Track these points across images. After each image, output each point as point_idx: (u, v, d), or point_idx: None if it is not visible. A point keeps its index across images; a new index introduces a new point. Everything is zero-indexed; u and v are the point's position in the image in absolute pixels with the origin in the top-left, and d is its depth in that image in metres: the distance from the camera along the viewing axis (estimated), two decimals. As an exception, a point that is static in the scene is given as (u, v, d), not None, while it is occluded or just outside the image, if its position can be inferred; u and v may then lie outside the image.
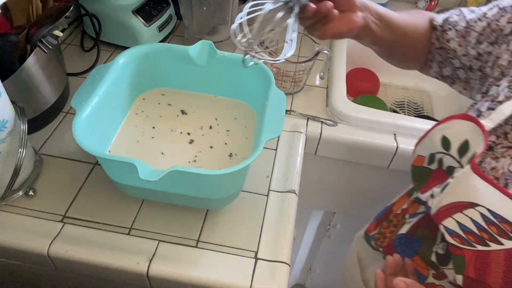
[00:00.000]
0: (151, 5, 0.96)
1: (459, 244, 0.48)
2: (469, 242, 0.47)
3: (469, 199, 0.46)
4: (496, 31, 0.54)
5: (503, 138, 0.49)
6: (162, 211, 0.67)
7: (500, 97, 0.51)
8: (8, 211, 0.65)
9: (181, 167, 0.54)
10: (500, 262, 0.44)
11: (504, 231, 0.43)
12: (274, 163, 0.76)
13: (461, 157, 0.52)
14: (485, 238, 0.45)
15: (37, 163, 0.71)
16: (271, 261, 0.62)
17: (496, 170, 0.48)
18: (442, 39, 0.61)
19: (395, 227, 0.66)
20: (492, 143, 0.50)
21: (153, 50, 0.73)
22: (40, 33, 0.68)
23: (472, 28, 0.57)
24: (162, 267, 0.60)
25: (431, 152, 0.56)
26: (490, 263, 0.45)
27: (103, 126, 0.67)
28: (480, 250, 0.45)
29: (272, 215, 0.68)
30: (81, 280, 0.69)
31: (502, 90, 0.51)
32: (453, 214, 0.48)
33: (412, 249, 0.61)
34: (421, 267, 0.59)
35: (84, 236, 0.63)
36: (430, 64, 0.66)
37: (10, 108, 0.60)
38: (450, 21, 0.61)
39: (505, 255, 0.43)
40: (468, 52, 0.58)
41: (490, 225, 0.44)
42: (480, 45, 0.56)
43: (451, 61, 0.61)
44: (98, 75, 0.66)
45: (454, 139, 0.52)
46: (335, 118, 0.87)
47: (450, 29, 0.60)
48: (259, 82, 0.71)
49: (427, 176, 0.57)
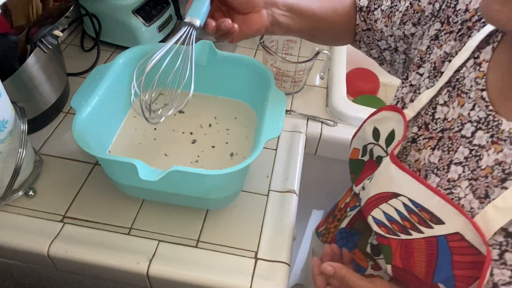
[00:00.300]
0: (151, 5, 0.96)
1: (385, 234, 0.49)
2: (394, 231, 0.47)
3: (392, 190, 0.47)
4: (418, 12, 0.53)
5: (424, 129, 0.49)
6: (162, 211, 0.67)
7: (421, 88, 0.51)
8: (8, 211, 0.65)
9: (181, 167, 0.54)
10: (422, 250, 0.45)
11: (423, 220, 0.44)
12: (274, 163, 0.76)
13: (387, 146, 0.53)
14: (407, 226, 0.46)
15: (37, 163, 0.71)
16: (271, 261, 0.62)
17: (418, 162, 0.49)
18: (369, 20, 0.59)
19: (338, 222, 0.66)
20: (415, 134, 0.50)
21: (153, 50, 0.73)
22: (40, 33, 0.68)
23: (396, 8, 0.55)
24: (162, 267, 0.60)
25: (364, 144, 0.57)
26: (413, 252, 0.46)
27: (103, 126, 0.67)
28: (404, 239, 0.46)
29: (272, 215, 0.68)
30: (81, 280, 0.69)
31: (423, 81, 0.51)
32: (380, 205, 0.49)
33: (352, 242, 0.61)
34: (361, 259, 0.59)
35: (84, 236, 0.63)
36: (359, 45, 0.65)
37: (10, 108, 0.60)
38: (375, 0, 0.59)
39: (425, 243, 0.44)
40: (393, 33, 0.56)
41: (411, 213, 0.45)
42: (405, 26, 0.54)
43: (377, 43, 0.60)
44: (98, 75, 0.66)
45: (383, 130, 0.53)
46: (335, 118, 0.87)
47: (376, 9, 0.58)
48: (259, 82, 0.71)
49: (361, 168, 0.58)
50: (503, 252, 0.40)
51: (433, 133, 0.48)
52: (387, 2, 0.57)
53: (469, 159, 0.44)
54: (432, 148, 0.48)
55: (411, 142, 0.51)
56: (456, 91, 0.47)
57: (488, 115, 0.43)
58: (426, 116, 0.49)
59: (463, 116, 0.45)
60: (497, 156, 0.41)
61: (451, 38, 0.49)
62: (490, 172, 0.42)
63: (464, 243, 0.41)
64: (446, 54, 0.49)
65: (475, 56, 0.46)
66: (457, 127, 0.45)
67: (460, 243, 0.42)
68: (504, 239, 0.40)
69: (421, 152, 0.49)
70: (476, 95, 0.44)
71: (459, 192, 0.43)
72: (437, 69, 0.50)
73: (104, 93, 0.65)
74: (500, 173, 0.41)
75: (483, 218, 0.41)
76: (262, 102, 0.67)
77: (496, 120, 0.42)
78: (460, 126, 0.45)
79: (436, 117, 0.48)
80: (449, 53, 0.49)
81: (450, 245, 0.42)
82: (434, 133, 0.48)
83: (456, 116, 0.46)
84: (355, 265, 0.60)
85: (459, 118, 0.45)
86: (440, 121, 0.48)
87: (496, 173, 0.41)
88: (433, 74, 0.50)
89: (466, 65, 0.46)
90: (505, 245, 0.40)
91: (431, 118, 0.49)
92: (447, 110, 0.47)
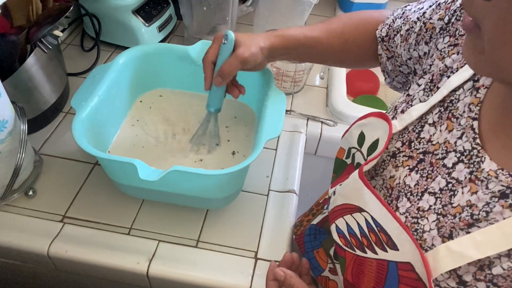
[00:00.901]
0: (151, 5, 0.96)
1: (343, 245, 0.48)
2: (351, 245, 0.47)
3: (357, 203, 0.46)
4: (430, 30, 0.51)
5: (407, 146, 0.47)
6: (162, 211, 0.67)
7: (414, 100, 0.49)
8: (8, 211, 0.65)
9: (181, 167, 0.54)
10: (372, 271, 0.44)
11: (380, 241, 0.43)
12: (274, 163, 0.76)
13: (368, 155, 0.51)
14: (364, 244, 0.45)
15: (37, 163, 0.71)
16: (271, 261, 0.62)
17: (393, 179, 0.47)
18: (391, 47, 0.59)
19: (313, 216, 0.66)
20: (397, 149, 0.48)
21: (154, 50, 0.73)
22: (40, 33, 0.68)
23: (412, 29, 0.54)
24: (162, 267, 0.60)
25: (349, 147, 0.56)
26: (364, 271, 0.45)
27: (103, 126, 0.67)
28: (358, 255, 0.46)
29: (272, 215, 0.68)
30: (81, 280, 0.69)
31: (418, 93, 0.49)
32: (344, 215, 0.48)
33: (319, 240, 0.61)
34: (322, 259, 0.60)
35: (84, 236, 0.63)
36: (384, 75, 0.65)
37: (10, 108, 0.60)
38: (394, 27, 0.58)
39: (376, 265, 0.43)
40: (411, 55, 0.55)
41: (370, 232, 0.44)
42: (419, 46, 0.53)
43: (399, 69, 0.59)
44: (98, 75, 0.66)
45: (368, 136, 0.51)
46: (335, 118, 0.87)
47: (395, 35, 0.57)
48: (259, 82, 0.71)
49: (342, 170, 0.57)
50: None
51: (414, 152, 0.46)
52: (406, 26, 0.56)
53: (443, 191, 0.41)
54: (410, 169, 0.46)
55: (391, 157, 0.49)
56: (447, 113, 0.44)
57: (473, 148, 0.40)
58: (413, 134, 0.47)
59: (449, 143, 0.43)
60: (470, 198, 0.39)
61: (455, 52, 0.46)
62: (459, 212, 0.39)
63: (413, 275, 0.40)
64: (446, 68, 0.47)
65: (475, 79, 0.43)
66: (441, 154, 0.43)
67: (409, 274, 0.40)
68: (456, 285, 0.38)
69: (398, 169, 0.47)
70: (466, 123, 0.42)
71: (425, 225, 0.42)
72: (434, 82, 0.48)
73: (104, 93, 0.65)
74: (468, 217, 0.38)
75: (434, 255, 0.39)
76: (262, 102, 0.67)
77: (479, 156, 0.39)
78: (444, 154, 0.43)
79: (421, 136, 0.46)
80: (449, 67, 0.46)
81: (400, 273, 0.41)
82: (415, 153, 0.46)
83: (442, 141, 0.44)
84: (315, 264, 0.60)
85: (445, 145, 0.43)
86: (424, 142, 0.46)
87: (465, 215, 0.38)
88: (429, 87, 0.48)
89: (463, 86, 0.44)
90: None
91: (416, 136, 0.47)
92: (434, 131, 0.45)
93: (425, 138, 0.46)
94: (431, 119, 0.46)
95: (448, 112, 0.44)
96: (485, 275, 0.36)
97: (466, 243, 0.37)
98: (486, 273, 0.36)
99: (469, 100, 0.42)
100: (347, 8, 1.16)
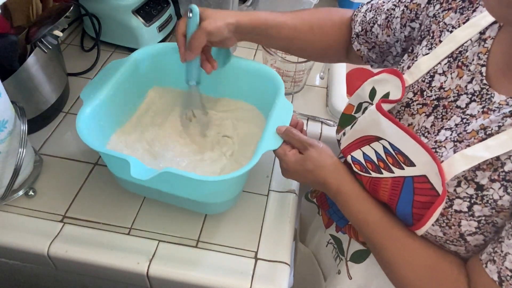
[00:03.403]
0: (151, 5, 0.96)
1: (358, 171, 0.54)
2: (366, 169, 0.52)
3: (375, 134, 0.51)
4: (414, 9, 0.56)
5: (419, 95, 0.51)
6: (162, 211, 0.67)
7: (419, 56, 0.53)
8: (8, 211, 0.65)
9: (173, 169, 0.53)
10: (386, 189, 0.50)
11: (397, 162, 0.48)
12: (274, 163, 0.76)
13: None
14: (380, 166, 0.51)
15: (37, 163, 0.71)
16: (271, 261, 0.62)
17: (412, 126, 0.52)
18: (370, 39, 0.63)
19: None
20: (410, 99, 0.52)
21: (168, 49, 0.72)
22: (40, 33, 0.68)
23: (392, 16, 0.58)
24: (162, 267, 0.60)
25: (360, 102, 0.59)
26: (378, 190, 0.51)
27: (108, 120, 0.66)
28: (373, 177, 0.51)
29: (272, 215, 0.68)
30: (81, 280, 0.69)
31: (421, 49, 0.53)
32: (362, 147, 0.53)
33: None
34: None
35: (84, 236, 0.63)
36: (371, 64, 0.68)
37: (10, 108, 0.60)
38: (367, 20, 0.62)
39: (392, 183, 0.49)
40: (398, 38, 0.59)
41: (388, 156, 0.50)
42: (405, 27, 0.57)
43: (389, 51, 0.63)
44: (111, 70, 0.66)
45: (380, 90, 0.55)
46: (335, 118, 0.87)
47: (372, 26, 0.61)
48: (268, 88, 0.69)
49: (349, 123, 0.59)
50: (472, 205, 0.42)
51: (427, 99, 0.50)
52: (382, 16, 0.60)
53: (458, 125, 0.46)
54: (426, 115, 0.50)
55: (405, 107, 0.53)
56: (456, 62, 0.49)
57: (482, 88, 0.45)
58: (423, 84, 0.51)
59: (460, 87, 0.47)
60: (483, 122, 0.43)
61: (451, 12, 0.51)
62: (474, 136, 0.43)
63: (428, 185, 0.45)
64: (445, 24, 0.51)
65: (481, 31, 0.47)
66: (453, 97, 0.48)
67: (424, 185, 0.45)
68: (474, 192, 0.42)
69: (414, 117, 0.51)
70: (475, 69, 0.46)
71: (443, 152, 0.46)
72: (434, 37, 0.52)
73: (114, 87, 0.65)
74: (482, 134, 0.43)
75: (449, 162, 0.43)
76: (270, 108, 0.65)
77: (489, 93, 0.44)
78: (456, 97, 0.47)
79: (432, 85, 0.50)
80: (448, 24, 0.50)
81: (415, 186, 0.46)
82: (428, 100, 0.50)
83: (453, 87, 0.48)
84: (340, 216, 0.64)
85: (456, 89, 0.48)
86: (435, 89, 0.50)
87: (480, 135, 0.43)
88: (430, 42, 0.52)
89: (471, 38, 0.48)
90: (475, 198, 0.42)
91: (428, 85, 0.51)
92: (445, 79, 0.49)
93: (436, 86, 0.50)
94: (441, 69, 0.50)
95: (458, 61, 0.49)
96: (499, 174, 0.41)
97: (479, 148, 0.42)
98: (499, 172, 0.41)
99: (478, 49, 0.47)
100: (347, 8, 1.16)
